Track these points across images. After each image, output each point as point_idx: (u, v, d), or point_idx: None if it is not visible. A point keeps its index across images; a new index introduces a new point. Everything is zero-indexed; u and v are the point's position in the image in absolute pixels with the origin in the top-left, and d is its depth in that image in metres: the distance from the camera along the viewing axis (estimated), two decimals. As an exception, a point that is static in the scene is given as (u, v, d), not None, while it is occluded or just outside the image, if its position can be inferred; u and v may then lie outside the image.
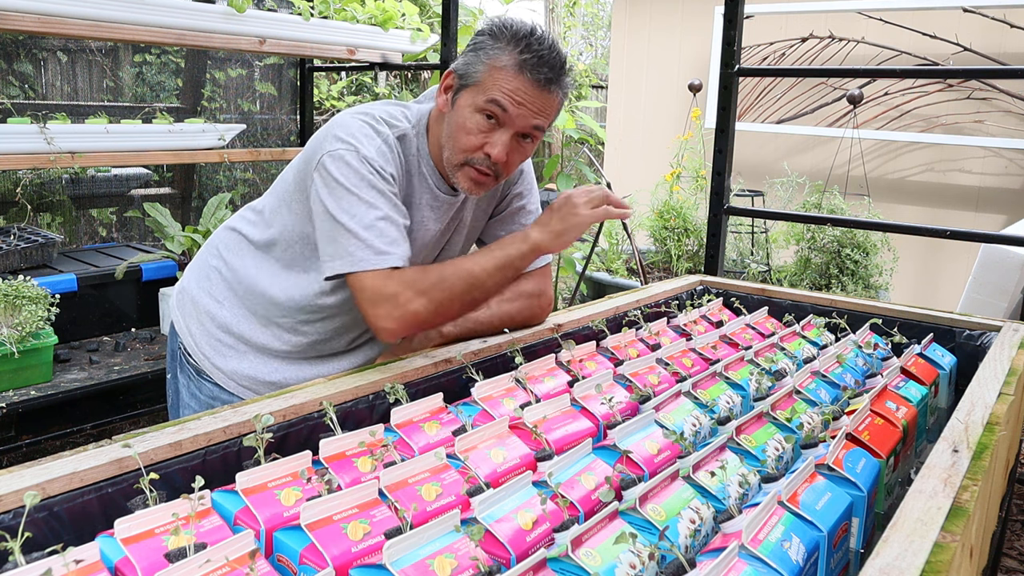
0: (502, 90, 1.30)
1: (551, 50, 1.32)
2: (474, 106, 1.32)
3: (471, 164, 1.36)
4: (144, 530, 0.76)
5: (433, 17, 7.13)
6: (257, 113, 4.68)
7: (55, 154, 2.70)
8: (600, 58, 11.32)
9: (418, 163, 1.42)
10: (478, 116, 1.32)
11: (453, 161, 1.37)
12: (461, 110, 1.34)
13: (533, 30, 1.33)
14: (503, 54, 1.31)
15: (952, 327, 1.70)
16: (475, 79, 1.32)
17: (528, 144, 1.39)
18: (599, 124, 4.02)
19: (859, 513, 0.94)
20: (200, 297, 1.52)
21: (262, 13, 3.13)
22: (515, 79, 1.30)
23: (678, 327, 1.68)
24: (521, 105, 1.31)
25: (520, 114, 1.31)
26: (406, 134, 1.41)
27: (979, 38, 4.55)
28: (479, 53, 1.33)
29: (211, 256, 1.55)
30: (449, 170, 1.39)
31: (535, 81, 1.30)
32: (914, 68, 4.43)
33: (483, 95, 1.31)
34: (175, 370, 1.60)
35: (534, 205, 1.61)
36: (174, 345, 1.59)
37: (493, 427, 1.03)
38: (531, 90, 1.31)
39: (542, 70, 1.30)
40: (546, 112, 1.35)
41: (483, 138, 1.33)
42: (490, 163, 1.35)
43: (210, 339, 1.50)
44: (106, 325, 3.16)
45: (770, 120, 5.37)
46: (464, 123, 1.33)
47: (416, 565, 0.73)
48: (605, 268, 4.47)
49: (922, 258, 4.78)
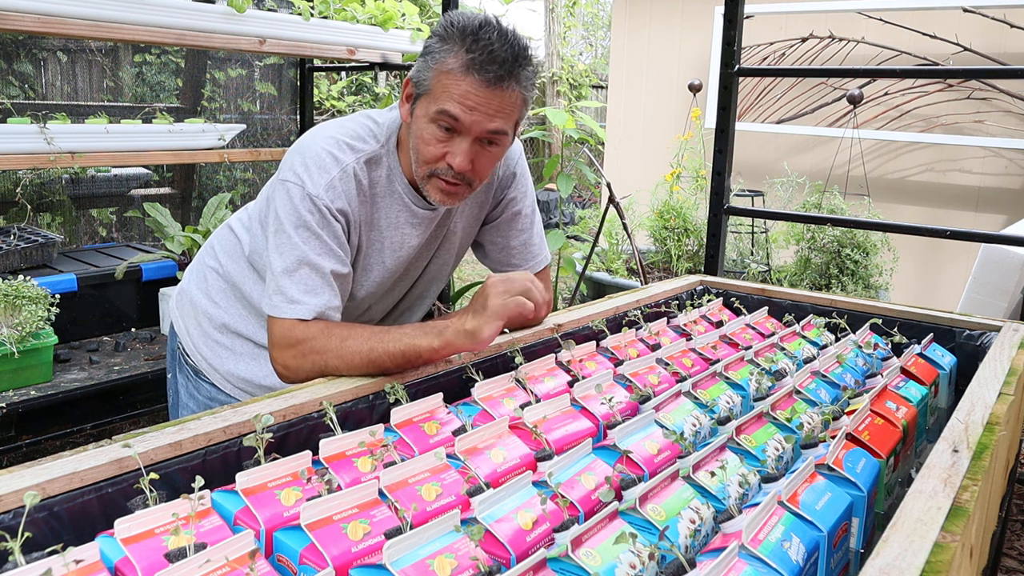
0: (451, 97, 1.23)
1: (501, 43, 1.22)
2: (427, 116, 1.26)
3: (437, 175, 1.31)
4: (144, 530, 0.76)
5: (433, 17, 7.13)
6: (257, 113, 4.69)
7: (55, 154, 2.70)
8: (600, 58, 11.32)
9: (389, 182, 1.38)
10: (433, 126, 1.26)
11: (419, 173, 1.33)
12: (418, 121, 1.29)
13: (483, 23, 1.23)
14: (449, 56, 1.23)
15: (952, 327, 1.70)
16: (426, 87, 1.26)
17: (494, 148, 1.31)
18: (599, 124, 4.01)
19: (859, 513, 0.94)
20: (198, 297, 1.52)
21: (262, 13, 3.13)
22: (462, 82, 1.22)
23: (678, 327, 1.68)
24: (473, 110, 1.23)
25: (474, 120, 1.24)
26: (374, 155, 1.36)
27: (979, 38, 4.55)
28: (427, 58, 1.27)
29: (208, 257, 1.55)
30: (419, 182, 1.34)
31: (484, 81, 1.21)
32: (914, 68, 4.43)
33: (434, 104, 1.25)
34: (175, 370, 1.60)
35: (529, 209, 1.57)
36: (173, 345, 1.60)
37: (493, 427, 1.03)
38: (482, 91, 1.22)
39: (491, 68, 1.21)
40: (504, 112, 1.26)
41: (442, 148, 1.27)
42: (455, 173, 1.29)
43: (207, 340, 1.50)
44: (106, 325, 3.16)
45: (770, 120, 5.37)
46: (422, 134, 1.28)
47: (416, 565, 0.73)
48: (605, 268, 4.47)
49: (922, 258, 4.78)
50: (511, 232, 1.56)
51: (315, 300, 1.27)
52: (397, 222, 1.40)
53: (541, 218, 1.64)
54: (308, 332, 1.25)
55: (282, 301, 1.27)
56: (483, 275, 6.43)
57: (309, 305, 1.26)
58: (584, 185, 8.60)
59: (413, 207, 1.40)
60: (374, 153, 1.36)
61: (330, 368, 1.24)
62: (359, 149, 1.35)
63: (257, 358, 1.47)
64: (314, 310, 1.26)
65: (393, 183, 1.38)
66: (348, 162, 1.32)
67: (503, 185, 1.54)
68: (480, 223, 1.57)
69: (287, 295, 1.26)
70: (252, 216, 1.48)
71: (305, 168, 1.30)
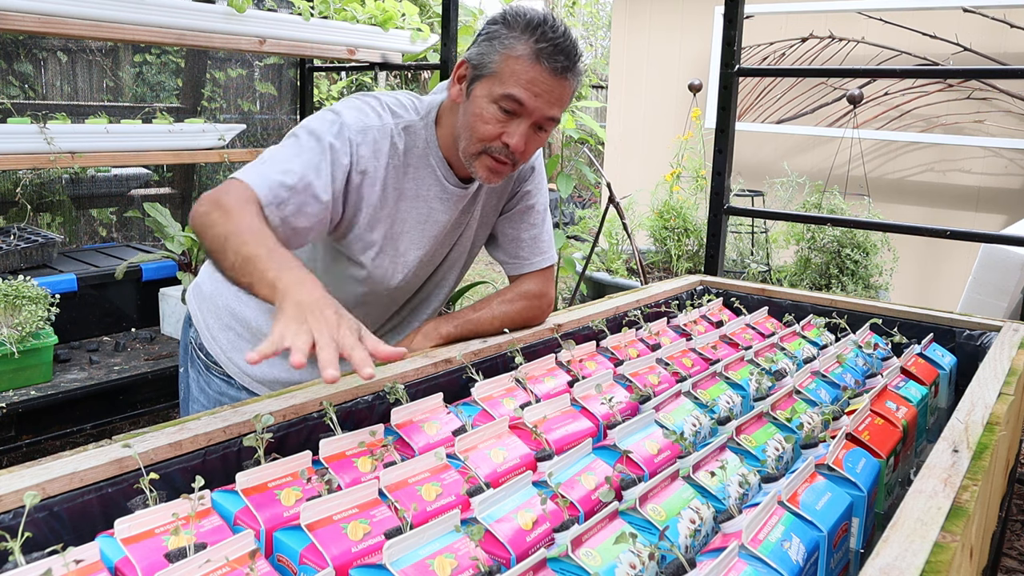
0: (519, 82, 1.29)
1: (565, 37, 1.30)
2: (491, 96, 1.31)
3: (489, 153, 1.35)
4: (144, 530, 0.76)
5: (433, 17, 7.13)
6: (257, 113, 4.69)
7: (55, 154, 2.70)
8: (600, 58, 11.31)
9: (426, 154, 1.42)
10: (495, 107, 1.31)
11: (470, 150, 1.36)
12: (477, 100, 1.33)
13: (546, 18, 1.32)
14: (518, 43, 1.29)
15: (952, 327, 1.70)
16: (491, 69, 1.31)
17: (543, 133, 1.38)
18: (599, 124, 4.01)
19: (859, 513, 0.94)
20: (218, 289, 1.53)
21: (262, 13, 3.13)
22: (531, 69, 1.29)
23: (678, 327, 1.68)
24: (539, 96, 1.30)
25: (538, 106, 1.31)
26: (412, 125, 1.40)
27: (979, 38, 4.55)
28: (493, 43, 1.32)
29: None
30: (465, 159, 1.38)
31: (552, 70, 1.29)
32: (914, 68, 4.43)
33: (500, 87, 1.30)
34: (187, 364, 1.61)
35: (542, 206, 1.61)
36: (186, 339, 1.61)
37: (493, 427, 1.03)
38: (548, 79, 1.30)
39: (558, 58, 1.29)
40: (561, 101, 1.34)
41: (500, 127, 1.32)
42: (508, 152, 1.34)
43: (228, 332, 1.51)
44: (106, 325, 3.16)
45: (770, 120, 5.37)
46: (481, 113, 1.32)
47: (416, 565, 0.73)
48: (605, 268, 4.47)
49: (922, 258, 4.78)
50: (522, 225, 1.59)
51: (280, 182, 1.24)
52: (427, 195, 1.43)
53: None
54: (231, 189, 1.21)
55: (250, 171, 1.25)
56: (483, 275, 6.43)
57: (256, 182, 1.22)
58: (584, 185, 8.60)
59: (444, 182, 1.44)
60: (412, 123, 1.41)
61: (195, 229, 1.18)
62: (400, 115, 1.40)
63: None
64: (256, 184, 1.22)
65: (428, 156, 1.42)
66: (388, 122, 1.37)
67: (521, 177, 1.57)
68: (498, 213, 1.59)
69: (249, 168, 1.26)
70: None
71: (347, 109, 1.35)
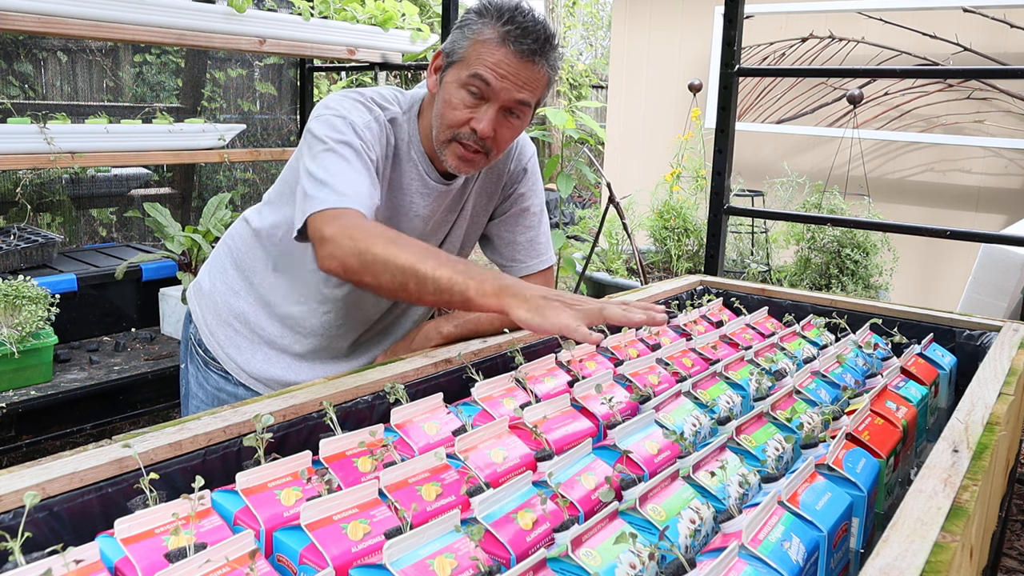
0: (485, 63, 1.29)
1: (534, 22, 1.30)
2: (458, 81, 1.32)
3: (458, 140, 1.35)
4: (144, 530, 0.76)
5: (433, 17, 7.13)
6: (257, 113, 4.69)
7: (55, 154, 2.70)
8: (600, 58, 11.31)
9: (408, 148, 1.43)
10: (463, 91, 1.32)
11: (440, 138, 1.36)
12: (447, 87, 1.34)
13: (518, 4, 1.32)
14: (486, 28, 1.30)
15: (952, 327, 1.70)
16: (459, 55, 1.33)
17: (516, 121, 1.37)
18: (599, 124, 4.01)
19: (859, 513, 0.94)
20: (216, 286, 1.55)
21: (262, 13, 3.13)
22: (497, 51, 1.29)
23: (678, 327, 1.68)
24: (504, 78, 1.30)
25: (504, 87, 1.30)
26: (396, 118, 1.41)
27: (979, 38, 4.55)
28: (463, 30, 1.33)
29: (225, 247, 1.58)
30: (437, 148, 1.38)
31: (518, 52, 1.29)
32: (914, 68, 4.43)
33: (467, 70, 1.31)
34: (187, 360, 1.63)
35: (537, 208, 1.60)
36: (186, 335, 1.62)
37: (493, 427, 1.03)
38: (514, 62, 1.29)
39: (525, 41, 1.29)
40: (531, 85, 1.33)
41: (468, 113, 1.32)
42: (477, 139, 1.33)
43: (226, 328, 1.52)
44: (106, 325, 3.16)
45: (770, 120, 5.37)
46: (450, 99, 1.33)
47: (416, 565, 0.73)
48: (605, 268, 4.47)
49: (922, 258, 4.78)
50: (517, 228, 1.59)
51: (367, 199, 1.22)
52: (409, 189, 1.43)
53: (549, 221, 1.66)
54: (349, 216, 1.18)
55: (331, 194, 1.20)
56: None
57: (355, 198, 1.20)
58: (584, 185, 8.60)
59: (425, 177, 1.44)
60: (397, 115, 1.41)
61: (370, 255, 1.13)
62: (386, 108, 1.40)
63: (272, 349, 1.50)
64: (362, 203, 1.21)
65: (410, 150, 1.43)
66: (378, 112, 1.38)
67: (513, 179, 1.57)
68: (489, 214, 1.59)
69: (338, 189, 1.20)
70: (274, 195, 1.49)
71: (343, 107, 1.34)
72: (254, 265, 1.51)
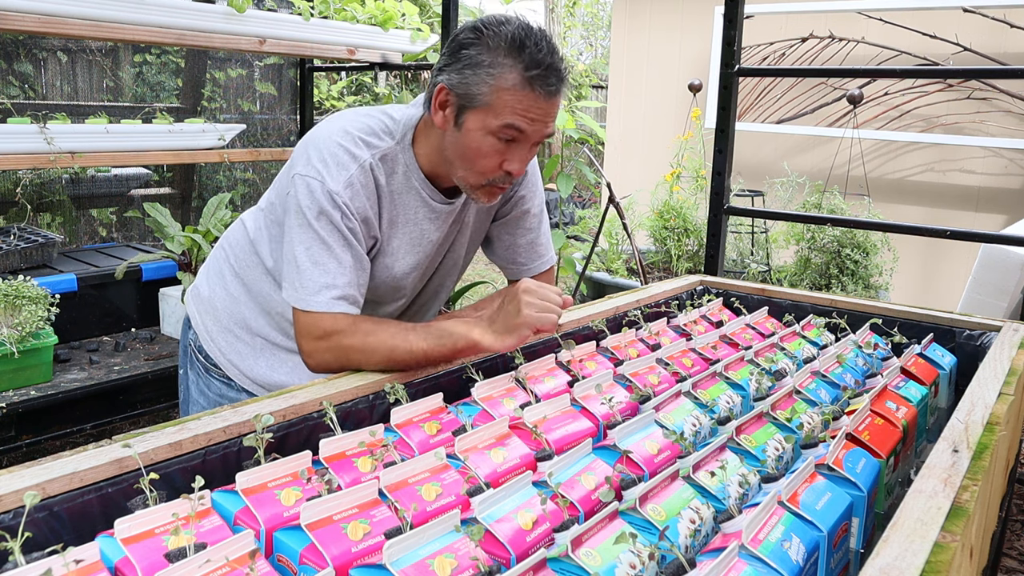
0: (515, 112, 1.26)
1: (552, 55, 1.26)
2: (487, 129, 1.28)
3: (492, 184, 1.34)
4: (144, 530, 0.76)
5: (433, 17, 7.13)
6: (257, 113, 4.69)
7: (55, 154, 2.70)
8: (600, 58, 11.31)
9: (406, 178, 1.39)
10: (492, 139, 1.28)
11: (471, 182, 1.35)
12: (472, 134, 1.29)
13: (528, 33, 1.26)
14: (507, 72, 1.24)
15: (952, 327, 1.70)
16: (482, 101, 1.26)
17: (537, 146, 1.37)
18: (599, 124, 4.01)
19: (859, 513, 0.94)
20: (216, 292, 1.54)
21: (262, 13, 3.13)
22: (525, 97, 1.25)
23: (678, 327, 1.68)
24: (535, 121, 1.28)
25: (536, 130, 1.29)
26: (389, 152, 1.37)
27: (979, 38, 4.55)
28: (479, 72, 1.25)
29: (222, 252, 1.57)
30: (466, 189, 1.37)
31: (546, 94, 1.26)
32: (914, 68, 4.43)
33: (496, 119, 1.26)
34: (186, 366, 1.62)
35: (538, 209, 1.60)
36: (186, 341, 1.61)
37: (493, 427, 1.03)
38: (543, 103, 1.27)
39: (551, 81, 1.26)
40: (554, 115, 1.33)
41: (500, 157, 1.31)
42: (511, 179, 1.34)
43: (227, 334, 1.52)
44: (106, 325, 3.16)
45: (770, 120, 5.37)
46: (479, 147, 1.29)
47: (416, 565, 0.73)
48: (605, 268, 4.47)
49: (922, 258, 4.78)
50: (518, 230, 1.58)
51: (338, 291, 1.29)
52: (416, 217, 1.42)
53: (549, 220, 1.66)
54: (336, 325, 1.28)
55: (307, 293, 1.29)
56: (483, 275, 6.43)
57: (332, 295, 1.29)
58: (584, 185, 8.60)
59: (431, 202, 1.42)
60: (389, 150, 1.37)
61: (352, 363, 1.28)
62: (374, 145, 1.36)
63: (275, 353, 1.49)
64: (337, 302, 1.29)
65: (410, 179, 1.40)
66: (365, 158, 1.34)
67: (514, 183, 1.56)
68: (491, 218, 1.59)
69: (310, 286, 1.29)
70: (265, 212, 1.49)
71: (323, 163, 1.31)
72: (252, 271, 1.49)
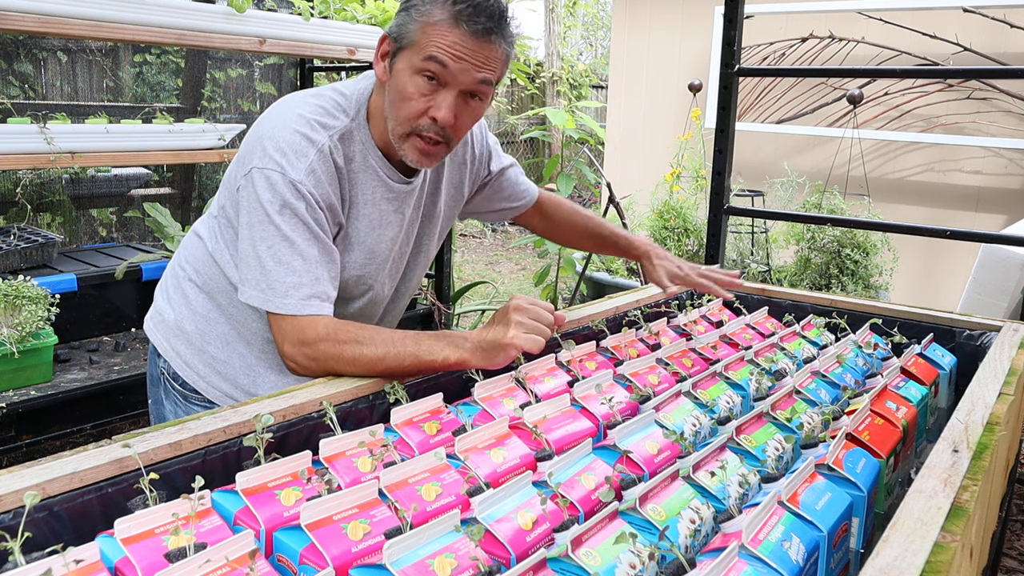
0: (438, 46, 1.21)
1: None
2: (412, 68, 1.24)
3: (417, 133, 1.27)
4: (144, 530, 0.76)
5: (433, 17, 7.11)
6: (257, 113, 4.69)
7: (55, 154, 2.70)
8: (600, 58, 11.31)
9: (364, 157, 1.34)
10: (418, 78, 1.24)
11: (398, 132, 1.28)
12: (399, 75, 1.25)
13: None
14: (435, 8, 1.22)
15: (952, 327, 1.70)
16: (409, 40, 1.24)
17: (476, 103, 1.30)
18: (599, 124, 4.01)
19: (859, 513, 0.94)
20: (183, 314, 1.44)
21: (262, 13, 3.13)
22: (451, 32, 1.21)
23: (678, 327, 1.68)
24: (461, 59, 1.22)
25: (462, 68, 1.23)
26: (345, 131, 1.32)
27: (979, 38, 4.55)
28: (409, 12, 1.24)
29: (181, 270, 1.47)
30: (395, 142, 1.30)
31: (473, 32, 1.21)
32: (914, 68, 4.43)
33: (419, 54, 1.22)
34: (158, 397, 1.51)
35: (507, 162, 1.63)
36: (155, 371, 1.50)
37: (493, 427, 1.03)
38: (470, 42, 1.22)
39: (479, 19, 1.21)
40: (490, 65, 1.25)
41: (426, 102, 1.25)
42: (437, 128, 1.26)
43: (203, 356, 1.42)
44: (106, 325, 3.16)
45: (770, 120, 5.37)
46: (404, 88, 1.25)
47: (416, 565, 0.73)
48: (605, 268, 4.47)
49: (922, 258, 4.78)
50: (504, 188, 1.65)
51: (306, 290, 1.24)
52: (374, 198, 1.36)
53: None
54: (317, 333, 1.22)
55: (274, 295, 1.23)
56: (483, 275, 6.42)
57: (300, 296, 1.23)
58: (584, 185, 8.60)
59: (389, 181, 1.37)
60: (345, 128, 1.32)
61: (335, 371, 1.23)
62: (331, 126, 1.30)
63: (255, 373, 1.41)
64: (308, 302, 1.24)
65: (367, 158, 1.34)
66: (323, 142, 1.28)
67: (483, 162, 1.58)
68: (463, 201, 1.58)
69: (277, 288, 1.23)
70: (218, 218, 1.39)
71: (281, 153, 1.24)
72: (217, 283, 1.40)
